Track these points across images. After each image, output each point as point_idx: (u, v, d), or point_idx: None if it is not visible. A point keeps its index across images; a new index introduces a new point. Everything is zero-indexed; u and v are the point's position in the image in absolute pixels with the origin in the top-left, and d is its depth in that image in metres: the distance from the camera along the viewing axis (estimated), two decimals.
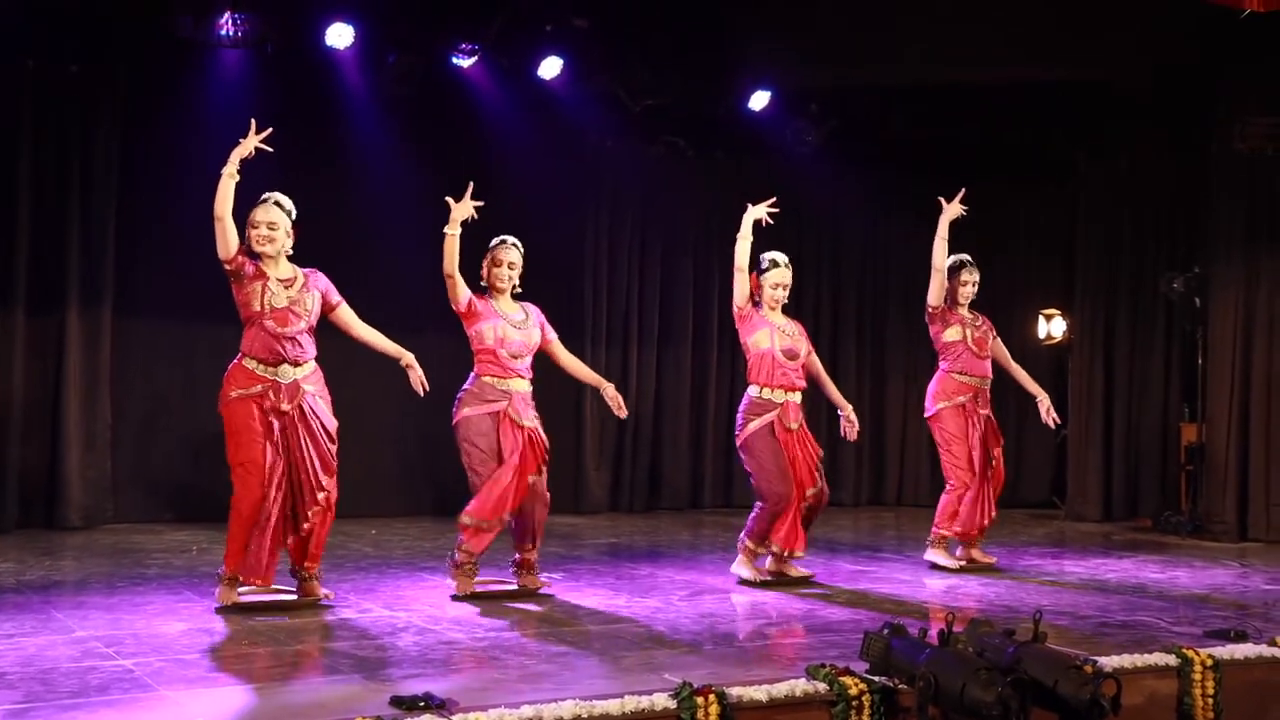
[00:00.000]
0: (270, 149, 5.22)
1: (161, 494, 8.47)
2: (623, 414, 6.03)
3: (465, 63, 8.58)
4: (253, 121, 5.25)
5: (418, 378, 5.50)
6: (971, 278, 7.15)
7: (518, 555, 5.84)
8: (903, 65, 9.02)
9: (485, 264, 5.85)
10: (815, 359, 6.61)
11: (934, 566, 6.93)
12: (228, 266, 5.24)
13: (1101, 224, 10.25)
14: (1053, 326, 10.78)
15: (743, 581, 6.28)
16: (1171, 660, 4.56)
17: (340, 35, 8.16)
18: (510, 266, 5.80)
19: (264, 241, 5.28)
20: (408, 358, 5.51)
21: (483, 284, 5.85)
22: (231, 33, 7.95)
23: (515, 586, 5.82)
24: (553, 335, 6.00)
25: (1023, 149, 10.56)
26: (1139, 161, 10.04)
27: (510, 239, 5.86)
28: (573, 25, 8.63)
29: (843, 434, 6.61)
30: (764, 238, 6.60)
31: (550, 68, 8.74)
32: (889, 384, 11.08)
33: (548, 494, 5.85)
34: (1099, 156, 10.23)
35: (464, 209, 5.62)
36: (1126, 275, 10.19)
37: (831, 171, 10.09)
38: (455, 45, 8.51)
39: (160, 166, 8.31)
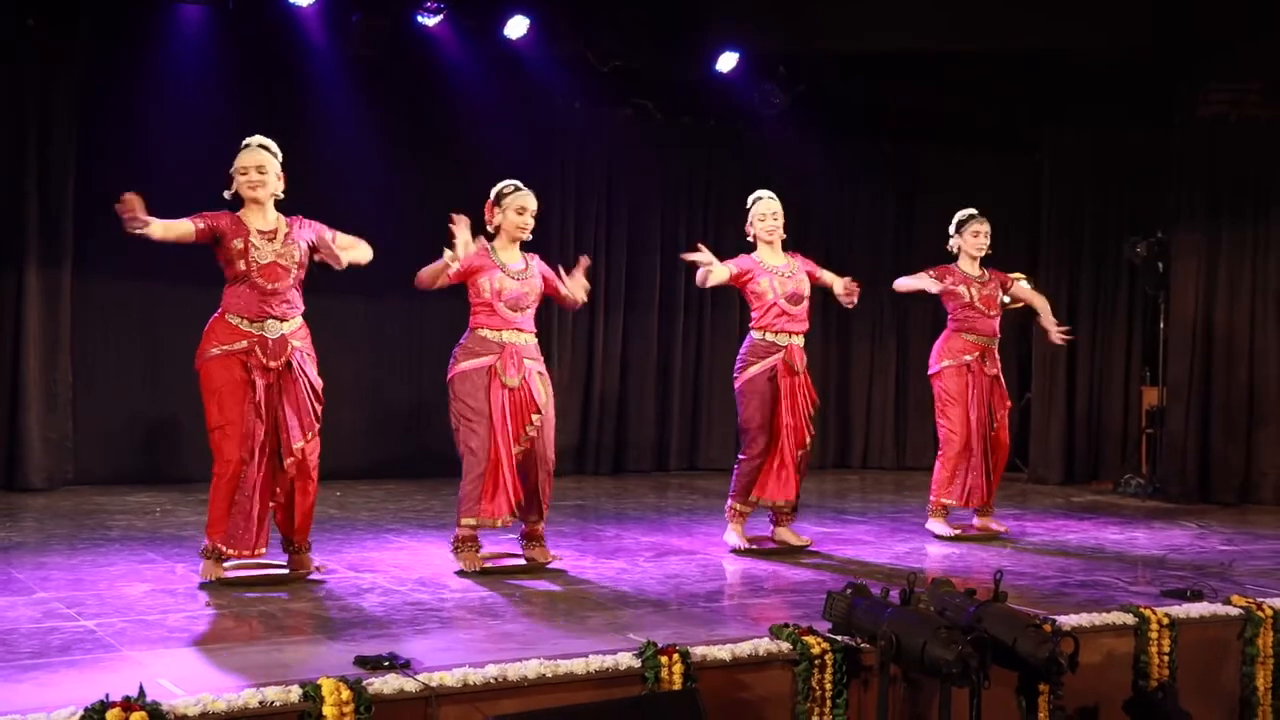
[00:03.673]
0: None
1: (123, 456, 8.39)
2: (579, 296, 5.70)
3: (430, 21, 8.48)
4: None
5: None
6: (982, 228, 6.94)
7: (523, 526, 5.57)
8: (868, 33, 9.00)
9: (496, 211, 5.50)
10: (824, 275, 6.35)
11: (936, 537, 6.76)
12: (203, 240, 4.95)
13: (1066, 191, 10.31)
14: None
15: (736, 551, 6.11)
16: (1128, 619, 4.64)
17: None
18: (532, 215, 5.52)
19: (254, 187, 4.99)
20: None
21: (488, 230, 5.52)
22: None
23: (523, 561, 5.56)
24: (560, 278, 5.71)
25: (989, 117, 10.58)
26: (1103, 130, 10.08)
27: (521, 184, 5.55)
28: None
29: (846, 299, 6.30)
30: (733, 197, 6.57)
31: (516, 27, 8.65)
32: (854, 348, 11.12)
33: (551, 457, 5.52)
34: (1064, 125, 10.27)
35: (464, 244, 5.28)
36: (1090, 241, 10.27)
37: (799, 135, 10.07)
38: (420, 3, 8.39)
39: (120, 124, 8.18)
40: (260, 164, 5.04)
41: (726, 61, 9.47)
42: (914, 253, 11.01)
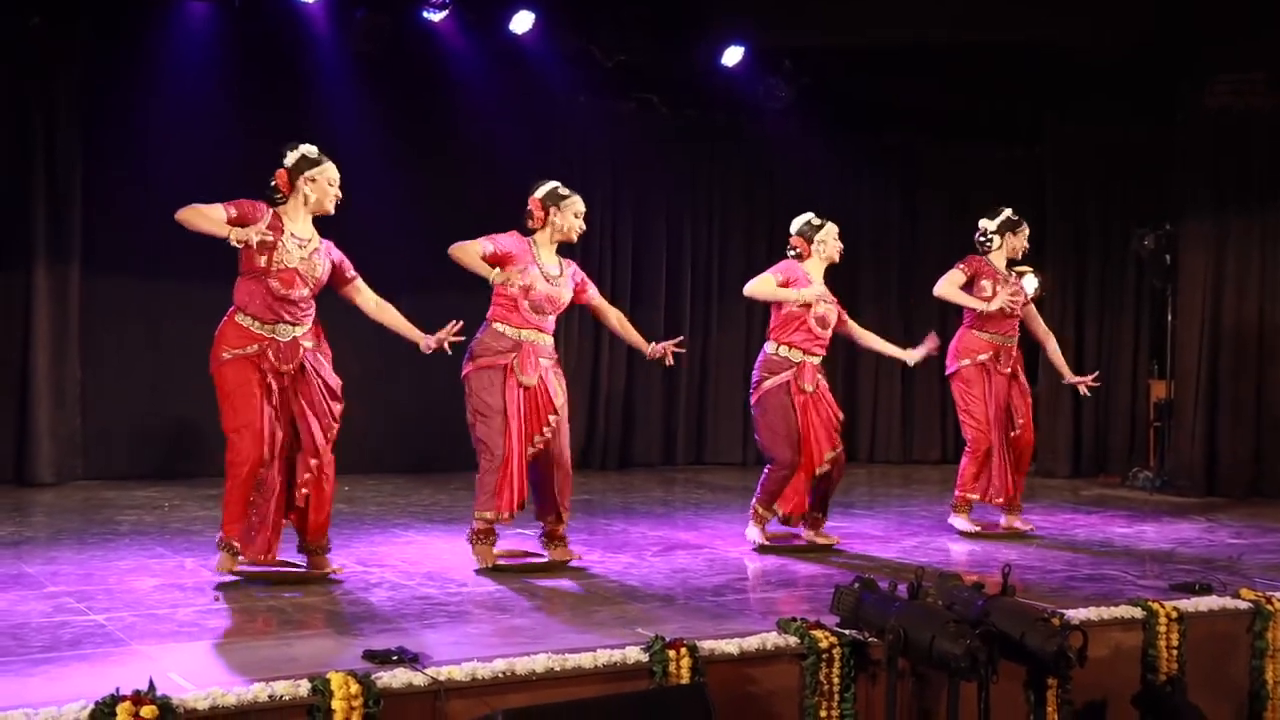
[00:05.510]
0: None
1: (132, 451, 8.42)
2: (670, 362, 5.75)
3: (435, 17, 8.48)
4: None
5: (443, 340, 5.13)
6: (1026, 232, 6.94)
7: (543, 526, 5.50)
8: (872, 27, 8.99)
9: (553, 211, 5.49)
10: (851, 325, 6.41)
11: (958, 533, 6.69)
12: (233, 221, 4.80)
13: (1071, 184, 10.30)
14: (1024, 284, 10.82)
15: (759, 548, 6.08)
16: (1137, 613, 4.63)
17: None
18: (586, 220, 5.62)
19: (334, 202, 5.02)
20: (426, 341, 5.16)
21: (530, 226, 5.49)
22: None
23: (545, 559, 5.47)
24: (595, 294, 5.69)
25: (992, 111, 10.57)
26: (1106, 126, 10.06)
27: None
28: None
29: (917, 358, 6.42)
30: (737, 191, 6.54)
31: (521, 23, 8.65)
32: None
33: (569, 458, 5.47)
34: (1068, 118, 10.26)
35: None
36: (1096, 234, 10.25)
37: (803, 129, 10.06)
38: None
39: (126, 121, 8.20)
40: (340, 180, 5.06)
41: (731, 55, 9.47)
42: (917, 246, 11.02)
